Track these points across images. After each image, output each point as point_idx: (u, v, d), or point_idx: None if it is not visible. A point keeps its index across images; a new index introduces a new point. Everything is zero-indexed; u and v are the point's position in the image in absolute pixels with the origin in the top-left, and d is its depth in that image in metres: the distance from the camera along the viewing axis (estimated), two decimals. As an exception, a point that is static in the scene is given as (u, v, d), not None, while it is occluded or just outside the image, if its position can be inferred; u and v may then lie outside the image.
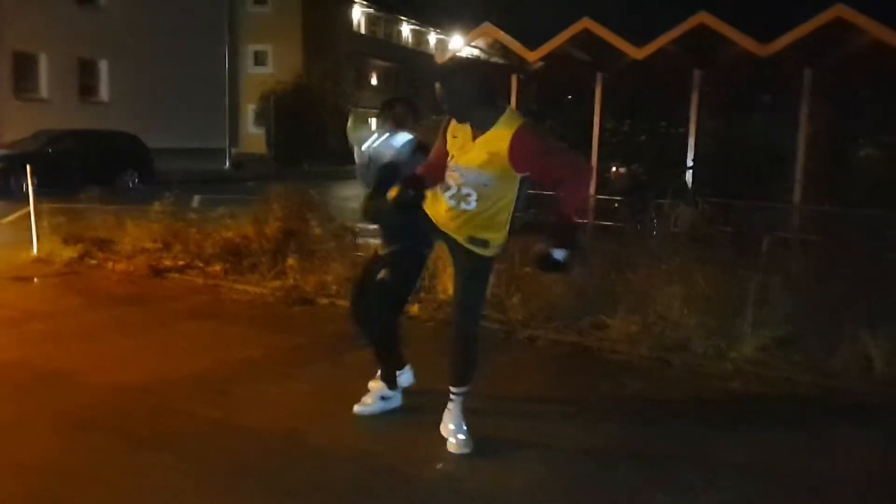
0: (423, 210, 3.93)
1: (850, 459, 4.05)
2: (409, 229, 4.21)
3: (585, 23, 11.35)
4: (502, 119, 3.66)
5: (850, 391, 4.97)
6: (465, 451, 3.93)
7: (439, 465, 3.82)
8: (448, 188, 3.82)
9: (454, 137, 3.82)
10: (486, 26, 12.58)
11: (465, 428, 4.00)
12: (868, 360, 5.16)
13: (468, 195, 3.75)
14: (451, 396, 4.05)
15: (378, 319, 4.38)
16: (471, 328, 3.99)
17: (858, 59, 11.29)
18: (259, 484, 3.57)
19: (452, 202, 3.80)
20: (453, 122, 3.84)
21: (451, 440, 3.99)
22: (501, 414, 4.57)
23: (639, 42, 11.17)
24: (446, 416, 4.07)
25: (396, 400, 4.53)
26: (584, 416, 4.59)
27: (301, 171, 26.84)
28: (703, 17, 10.39)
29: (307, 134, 32.08)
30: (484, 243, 3.84)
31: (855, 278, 5.92)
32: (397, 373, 4.55)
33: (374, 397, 4.49)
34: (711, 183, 11.67)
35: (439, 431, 4.09)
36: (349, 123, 4.39)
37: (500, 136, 3.62)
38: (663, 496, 3.56)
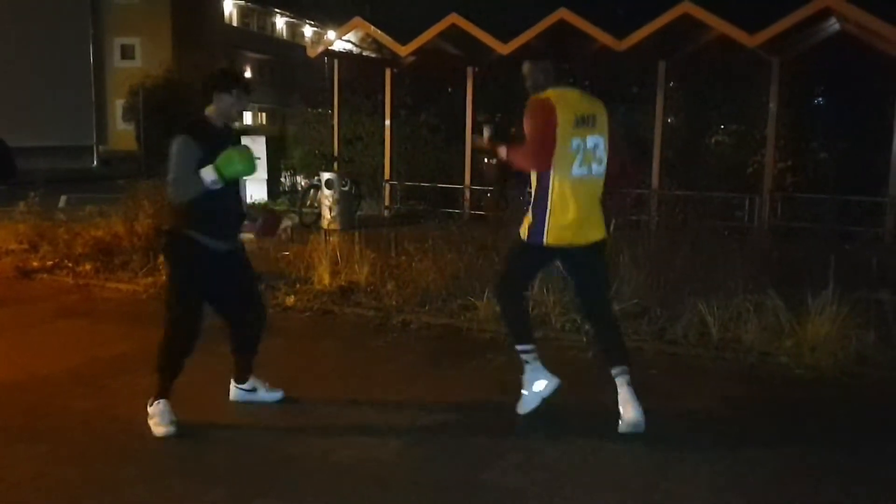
0: None
1: (687, 413, 4.55)
2: None
3: (453, 18, 11.73)
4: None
5: (690, 356, 5.52)
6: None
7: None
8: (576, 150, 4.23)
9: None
10: (358, 20, 12.78)
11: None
12: (705, 328, 5.72)
13: (600, 159, 4.27)
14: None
15: None
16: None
17: (707, 52, 12.15)
18: (138, 468, 3.71)
19: (579, 169, 4.23)
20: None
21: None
22: (376, 391, 4.84)
23: (505, 37, 11.62)
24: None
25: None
26: (451, 389, 4.92)
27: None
28: (563, 14, 10.93)
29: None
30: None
31: (697, 255, 6.51)
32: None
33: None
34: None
35: (308, 412, 4.34)
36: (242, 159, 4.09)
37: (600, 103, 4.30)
38: (515, 454, 3.92)
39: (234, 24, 44.42)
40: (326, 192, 11.64)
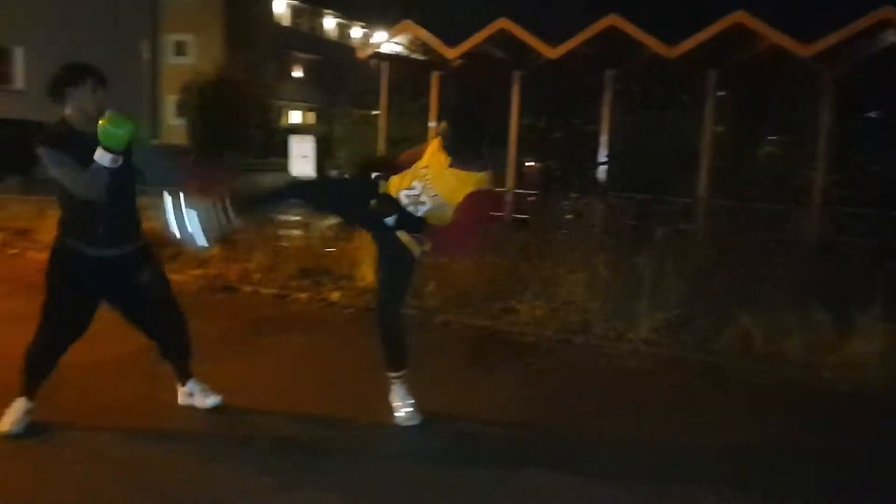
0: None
1: (728, 426, 4.53)
2: None
3: (502, 23, 11.74)
4: (480, 173, 4.07)
5: (732, 367, 5.48)
6: (413, 422, 4.30)
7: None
8: (410, 189, 4.16)
9: (439, 152, 4.16)
10: (407, 23, 12.86)
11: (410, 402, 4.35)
12: (748, 340, 5.68)
13: (423, 204, 4.13)
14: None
15: None
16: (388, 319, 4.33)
17: (759, 62, 12.01)
18: (188, 448, 3.86)
19: (406, 201, 4.15)
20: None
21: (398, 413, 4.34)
22: (413, 390, 4.89)
23: (554, 42, 11.62)
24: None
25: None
26: (487, 391, 4.97)
27: (223, 163, 26.65)
28: (613, 20, 10.88)
29: (229, 126, 31.79)
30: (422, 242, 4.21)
31: (742, 266, 6.46)
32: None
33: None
34: (623, 178, 12.25)
35: (347, 407, 4.42)
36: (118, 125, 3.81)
37: (470, 182, 4.03)
38: (535, 468, 3.95)
39: (285, 23, 44.94)
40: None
